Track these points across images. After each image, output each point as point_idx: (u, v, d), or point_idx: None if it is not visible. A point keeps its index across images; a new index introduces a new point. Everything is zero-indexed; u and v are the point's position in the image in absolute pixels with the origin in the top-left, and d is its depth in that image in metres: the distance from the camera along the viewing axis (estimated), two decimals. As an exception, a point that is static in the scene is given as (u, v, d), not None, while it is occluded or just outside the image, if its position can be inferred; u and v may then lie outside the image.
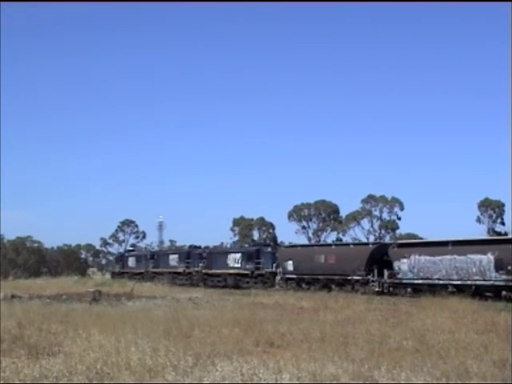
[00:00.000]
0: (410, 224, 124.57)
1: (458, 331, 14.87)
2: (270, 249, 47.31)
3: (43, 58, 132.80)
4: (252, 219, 79.09)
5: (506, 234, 59.56)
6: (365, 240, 67.61)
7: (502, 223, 70.46)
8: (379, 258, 36.48)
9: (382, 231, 72.96)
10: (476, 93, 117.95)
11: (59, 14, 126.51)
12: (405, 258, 34.56)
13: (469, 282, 31.11)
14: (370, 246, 40.28)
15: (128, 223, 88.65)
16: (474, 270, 30.87)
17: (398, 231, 72.94)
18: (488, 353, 11.52)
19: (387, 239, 66.84)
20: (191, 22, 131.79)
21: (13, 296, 30.16)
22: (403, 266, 34.58)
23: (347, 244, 48.02)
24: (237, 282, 46.29)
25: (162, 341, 12.64)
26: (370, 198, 73.23)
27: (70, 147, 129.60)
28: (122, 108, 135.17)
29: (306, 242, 71.32)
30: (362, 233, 73.39)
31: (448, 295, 28.14)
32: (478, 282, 30.80)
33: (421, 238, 56.51)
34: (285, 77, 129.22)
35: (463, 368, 9.92)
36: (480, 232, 66.36)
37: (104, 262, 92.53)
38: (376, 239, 68.18)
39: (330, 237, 74.97)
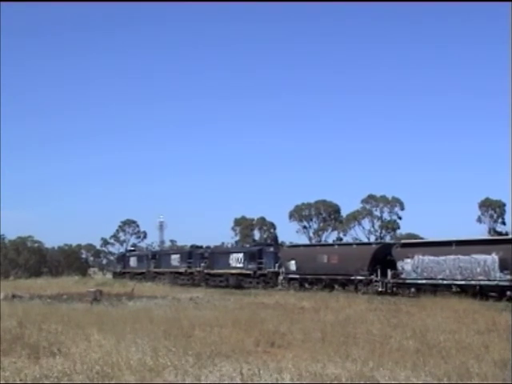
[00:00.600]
0: (411, 224, 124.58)
1: (458, 331, 14.86)
2: (272, 249, 47.00)
3: (43, 58, 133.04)
4: (253, 219, 79.18)
5: (506, 233, 59.46)
6: (366, 240, 67.63)
7: (503, 223, 70.56)
8: (382, 257, 36.33)
9: (383, 231, 72.96)
10: (476, 93, 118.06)
11: (59, 14, 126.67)
12: (408, 257, 34.35)
13: (473, 282, 30.86)
14: (373, 245, 40.14)
15: (129, 223, 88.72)
16: (479, 270, 30.63)
17: (398, 231, 73.05)
18: (489, 353, 11.50)
19: (388, 239, 66.82)
20: (191, 22, 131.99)
21: (13, 296, 30.17)
22: (407, 265, 34.36)
23: (350, 244, 47.84)
24: (239, 282, 46.08)
25: (163, 341, 12.64)
26: (370, 198, 73.24)
27: (70, 147, 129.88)
28: (122, 108, 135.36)
29: (306, 241, 71.39)
30: (362, 233, 73.49)
31: (452, 295, 28.02)
32: (482, 282, 30.57)
33: (421, 238, 56.38)
34: (285, 77, 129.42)
35: (464, 368, 9.90)
36: (481, 232, 66.45)
37: (105, 261, 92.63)
38: (377, 239, 68.16)
39: (331, 237, 75.10)
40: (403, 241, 41.37)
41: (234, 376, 9.36)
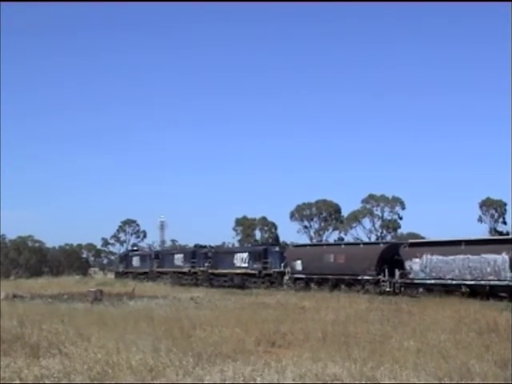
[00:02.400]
0: (412, 223, 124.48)
1: (459, 331, 14.84)
2: (277, 248, 46.31)
3: (43, 58, 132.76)
4: (254, 219, 79.07)
5: (507, 233, 59.33)
6: (366, 239, 67.48)
7: (504, 223, 70.32)
8: (390, 257, 35.90)
9: (384, 231, 72.89)
10: (476, 92, 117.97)
11: (59, 14, 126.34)
12: (416, 257, 33.76)
13: (483, 283, 30.27)
14: (381, 245, 39.75)
15: (129, 223, 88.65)
16: (489, 269, 30.04)
17: (399, 230, 72.94)
18: (489, 352, 11.49)
19: (388, 238, 66.71)
20: (191, 22, 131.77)
21: (14, 296, 30.18)
22: (415, 265, 33.84)
23: (357, 243, 47.35)
24: (244, 281, 45.57)
25: (163, 341, 12.63)
26: (370, 198, 73.16)
27: (70, 147, 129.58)
28: (122, 108, 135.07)
29: (307, 241, 71.31)
30: (363, 232, 73.35)
31: (460, 296, 27.81)
32: (492, 282, 29.98)
33: (423, 238, 56.16)
34: (285, 77, 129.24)
35: (465, 368, 9.89)
36: (481, 231, 66.27)
37: (105, 261, 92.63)
38: (377, 238, 68.06)
39: (332, 236, 74.94)
40: (411, 240, 40.59)
41: (234, 376, 9.35)
